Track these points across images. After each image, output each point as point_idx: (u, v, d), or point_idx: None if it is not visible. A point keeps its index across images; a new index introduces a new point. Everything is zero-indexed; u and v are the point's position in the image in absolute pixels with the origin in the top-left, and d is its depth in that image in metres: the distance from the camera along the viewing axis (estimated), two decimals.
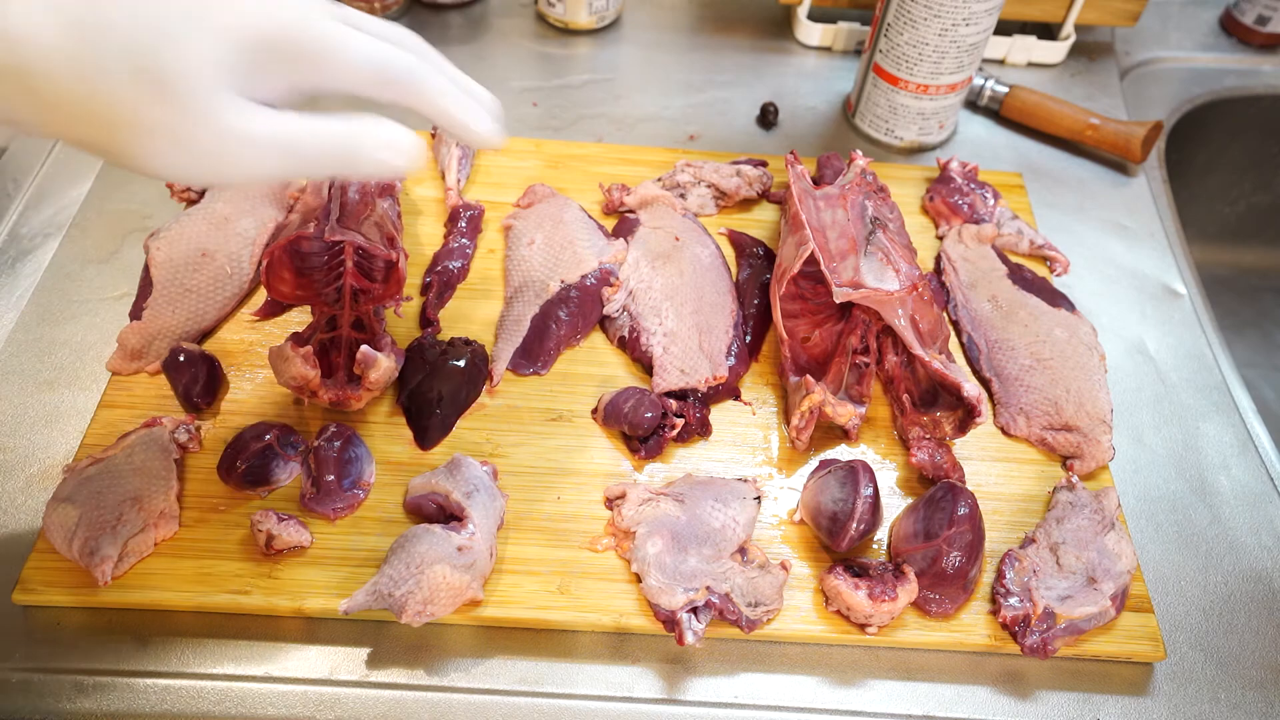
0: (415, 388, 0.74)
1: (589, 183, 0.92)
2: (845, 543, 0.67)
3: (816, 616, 0.67)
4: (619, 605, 0.66)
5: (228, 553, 0.67)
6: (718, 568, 0.66)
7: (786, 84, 1.08)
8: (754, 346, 0.81)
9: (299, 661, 0.64)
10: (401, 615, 0.62)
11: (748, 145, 1.01)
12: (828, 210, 0.78)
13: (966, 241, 0.89)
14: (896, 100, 0.97)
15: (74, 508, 0.64)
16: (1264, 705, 0.68)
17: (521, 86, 1.04)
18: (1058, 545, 0.70)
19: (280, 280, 0.70)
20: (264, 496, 0.70)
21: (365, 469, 0.71)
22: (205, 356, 0.74)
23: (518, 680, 0.65)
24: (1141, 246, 0.96)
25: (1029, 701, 0.66)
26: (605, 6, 1.09)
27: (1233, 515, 0.77)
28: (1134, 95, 1.12)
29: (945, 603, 0.67)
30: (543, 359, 0.78)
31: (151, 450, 0.68)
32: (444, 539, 0.63)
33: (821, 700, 0.65)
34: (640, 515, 0.68)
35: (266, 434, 0.69)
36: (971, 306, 0.85)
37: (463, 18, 1.11)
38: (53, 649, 0.64)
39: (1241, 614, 0.72)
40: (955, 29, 0.89)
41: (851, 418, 0.73)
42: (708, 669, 0.66)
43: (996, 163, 1.01)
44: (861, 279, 0.74)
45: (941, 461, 0.73)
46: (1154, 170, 1.03)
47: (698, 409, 0.75)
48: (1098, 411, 0.76)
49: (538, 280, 0.81)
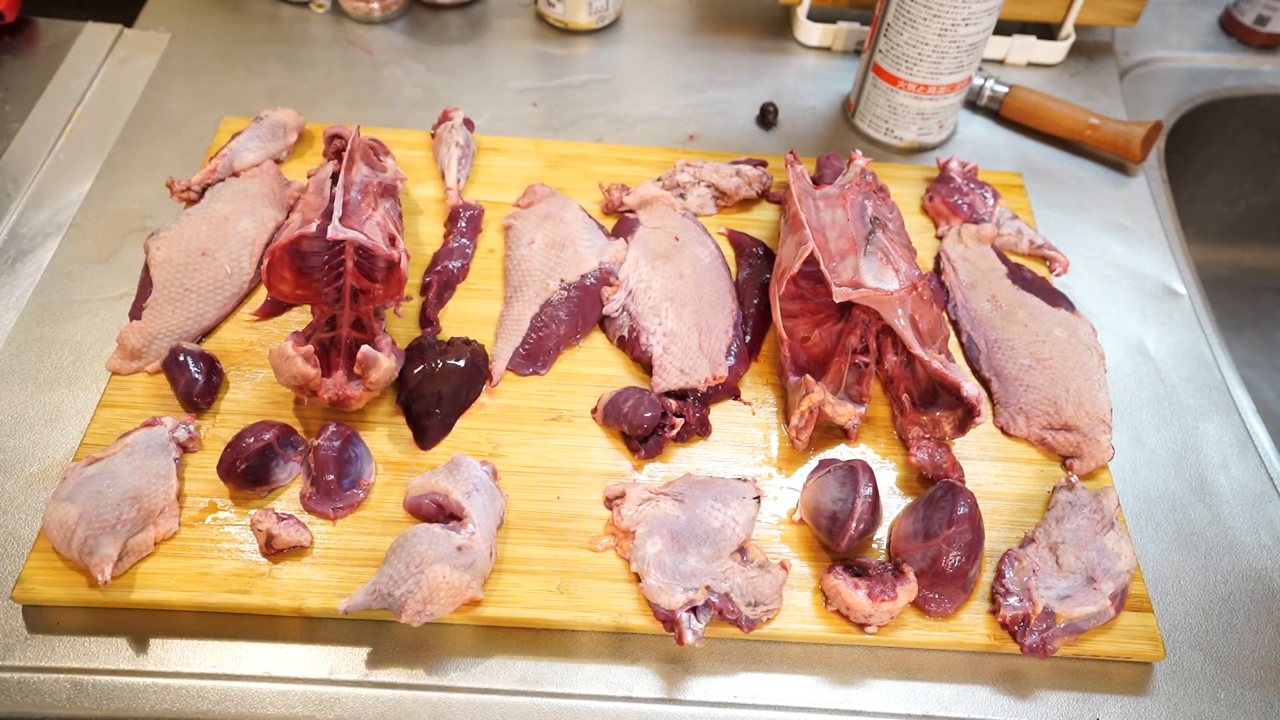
0: (415, 388, 0.74)
1: (589, 183, 0.92)
2: (845, 542, 0.67)
3: (816, 616, 0.67)
4: (619, 605, 0.66)
5: (228, 553, 0.67)
6: (717, 567, 0.66)
7: (786, 84, 1.08)
8: (754, 346, 0.81)
9: (299, 661, 0.64)
10: (401, 615, 0.62)
11: (748, 145, 1.01)
12: (827, 210, 0.78)
13: (966, 241, 0.89)
14: (896, 100, 0.97)
15: (74, 507, 0.64)
16: (1264, 705, 0.68)
17: (521, 86, 1.04)
18: (1057, 545, 0.70)
19: (281, 280, 0.70)
20: (264, 496, 0.70)
21: (365, 469, 0.71)
22: (205, 356, 0.74)
23: (518, 680, 0.65)
24: (1141, 246, 0.96)
25: (1029, 701, 0.66)
26: (605, 6, 1.09)
27: (1232, 515, 0.77)
28: (1134, 95, 1.12)
29: (945, 602, 0.67)
30: (543, 359, 0.78)
31: (151, 450, 0.68)
32: (444, 539, 0.63)
33: (821, 700, 0.65)
34: (640, 515, 0.68)
35: (266, 434, 0.69)
36: (971, 306, 0.85)
37: (462, 18, 1.11)
38: (53, 649, 0.64)
39: (1241, 614, 0.72)
40: (955, 29, 0.89)
41: (851, 418, 0.73)
42: (708, 669, 0.66)
43: (996, 163, 1.01)
44: (861, 279, 0.74)
45: (941, 461, 0.73)
46: (1154, 170, 1.03)
47: (697, 409, 0.75)
48: (1097, 411, 0.76)
49: (538, 280, 0.81)
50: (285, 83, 1.02)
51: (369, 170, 0.79)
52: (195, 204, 0.84)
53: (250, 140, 0.88)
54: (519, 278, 0.82)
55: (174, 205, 0.88)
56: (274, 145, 0.89)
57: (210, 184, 0.86)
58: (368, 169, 0.79)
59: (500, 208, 0.90)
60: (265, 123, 0.89)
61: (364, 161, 0.79)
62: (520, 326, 0.79)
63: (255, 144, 0.88)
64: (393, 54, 1.06)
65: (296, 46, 1.06)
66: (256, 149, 0.88)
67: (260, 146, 0.89)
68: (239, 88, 1.00)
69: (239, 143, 0.88)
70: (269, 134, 0.89)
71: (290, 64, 1.04)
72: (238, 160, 0.87)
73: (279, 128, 0.90)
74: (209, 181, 0.86)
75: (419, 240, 0.86)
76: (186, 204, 0.85)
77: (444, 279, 0.83)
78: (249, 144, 0.88)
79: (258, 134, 0.89)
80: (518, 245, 0.84)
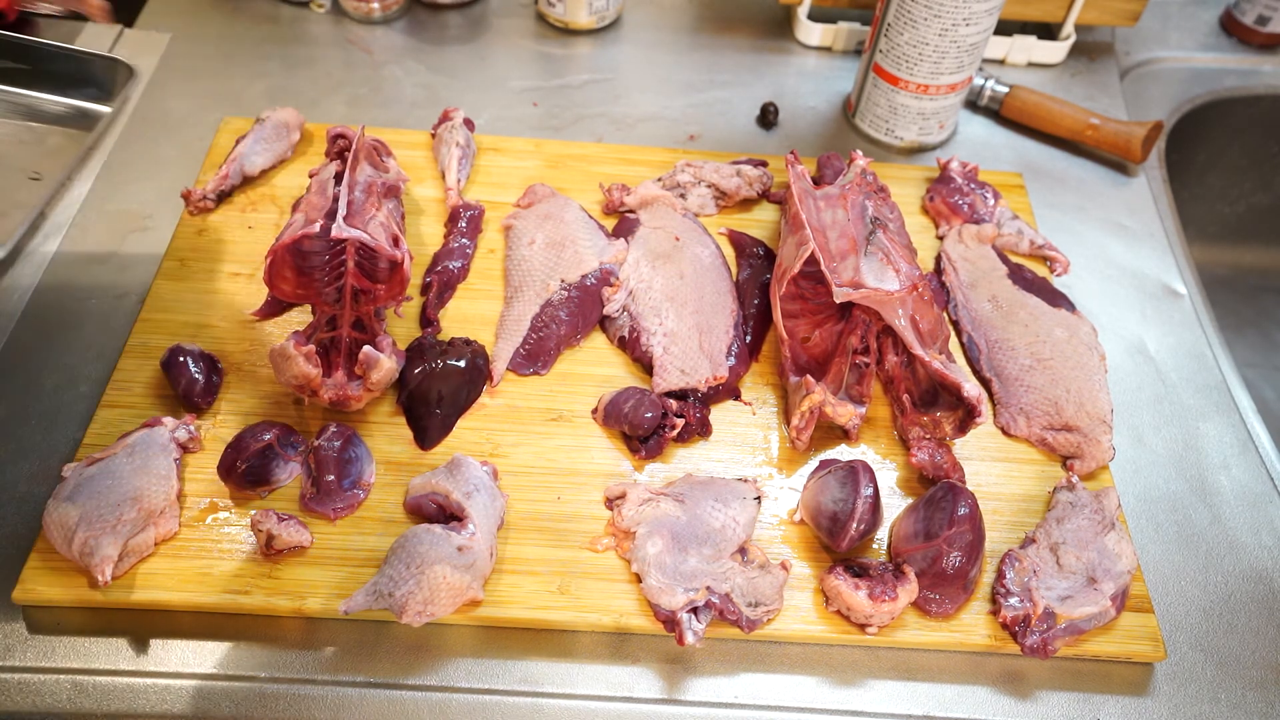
0: (415, 388, 0.74)
1: (589, 183, 0.92)
2: (845, 543, 0.67)
3: (816, 616, 0.67)
4: (619, 605, 0.66)
5: (228, 553, 0.67)
6: (718, 568, 0.66)
7: (786, 84, 1.08)
8: (754, 346, 0.81)
9: (299, 661, 0.64)
10: (401, 615, 0.62)
11: (748, 145, 1.01)
12: (828, 210, 0.78)
13: (966, 241, 0.89)
14: (897, 100, 0.97)
15: (74, 508, 0.64)
16: (1264, 705, 0.68)
17: (521, 86, 1.04)
18: (1058, 545, 0.70)
19: (282, 279, 0.70)
20: (264, 496, 0.70)
21: (365, 469, 0.71)
22: (205, 356, 0.74)
23: (518, 680, 0.65)
24: (1141, 246, 0.96)
25: (1029, 701, 0.66)
26: (605, 6, 1.09)
27: (1233, 515, 0.77)
28: (1134, 95, 1.12)
29: (945, 603, 0.67)
30: (543, 359, 0.78)
31: (151, 450, 0.68)
32: (444, 539, 0.63)
33: (821, 700, 0.65)
34: (640, 515, 0.68)
35: (266, 434, 0.69)
36: (971, 306, 0.85)
37: (463, 18, 1.11)
38: (53, 649, 0.64)
39: (1242, 614, 0.72)
40: (955, 29, 0.89)
41: (851, 418, 0.73)
42: (708, 669, 0.66)
43: (996, 163, 1.01)
44: (862, 279, 0.74)
45: (941, 461, 0.73)
46: (1154, 170, 1.03)
47: (698, 409, 0.75)
48: (1098, 411, 0.76)
49: (538, 280, 0.81)
50: (285, 83, 1.02)
51: (372, 170, 0.79)
52: (210, 213, 0.85)
53: (256, 143, 0.88)
54: (519, 278, 0.82)
55: (175, 205, 0.88)
56: (280, 146, 0.89)
57: (224, 191, 0.86)
58: (371, 169, 0.79)
59: (501, 208, 0.90)
60: (268, 124, 0.89)
61: (367, 162, 0.79)
62: (521, 326, 0.79)
63: (262, 146, 0.88)
64: (393, 54, 1.06)
65: (296, 46, 1.06)
66: (264, 151, 0.89)
67: (267, 149, 0.89)
68: (239, 88, 1.00)
69: (246, 147, 0.88)
70: (273, 134, 0.89)
71: (290, 64, 1.04)
72: (248, 165, 0.87)
73: (282, 128, 0.90)
74: (222, 189, 0.86)
75: (420, 240, 0.86)
76: (202, 214, 0.86)
77: (444, 279, 0.83)
78: (255, 147, 0.88)
79: (262, 136, 0.89)
80: (518, 245, 0.84)
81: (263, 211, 0.87)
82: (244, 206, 0.87)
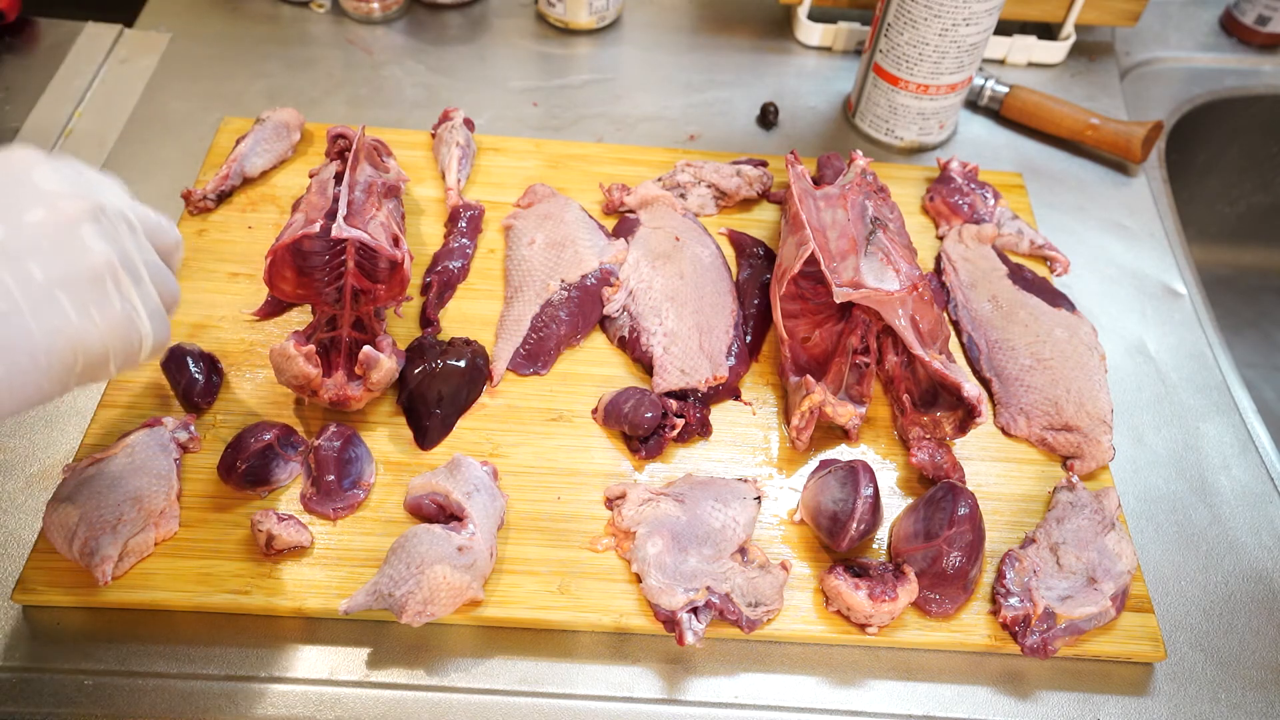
0: (415, 388, 0.74)
1: (589, 183, 0.92)
2: (845, 543, 0.67)
3: (816, 616, 0.67)
4: (619, 605, 0.66)
5: (228, 553, 0.67)
6: (718, 568, 0.66)
7: (786, 84, 1.08)
8: (754, 346, 0.81)
9: (299, 661, 0.64)
10: (401, 615, 0.62)
11: (748, 145, 1.01)
12: (828, 210, 0.78)
13: (966, 241, 0.89)
14: (897, 100, 0.97)
15: (74, 508, 0.64)
16: (1264, 705, 0.68)
17: (521, 86, 1.04)
18: (1058, 545, 0.70)
19: (282, 279, 0.70)
20: (264, 496, 0.70)
21: (365, 469, 0.71)
22: (205, 356, 0.74)
23: (518, 680, 0.65)
24: (1141, 246, 0.96)
25: (1029, 701, 0.66)
26: (605, 6, 1.09)
27: (1233, 515, 0.77)
28: (1134, 95, 1.12)
29: (945, 603, 0.67)
30: (543, 359, 0.78)
31: (151, 450, 0.68)
32: (444, 539, 0.63)
33: (821, 700, 0.65)
34: (640, 515, 0.68)
35: (266, 434, 0.69)
36: (971, 306, 0.85)
37: (463, 18, 1.11)
38: (53, 649, 0.64)
39: (1242, 614, 0.72)
40: (955, 29, 0.89)
41: (851, 418, 0.73)
42: (708, 669, 0.66)
43: (996, 163, 1.01)
44: (862, 279, 0.74)
45: (941, 461, 0.73)
46: (1154, 170, 1.03)
47: (698, 409, 0.75)
48: (1098, 411, 0.76)
49: (538, 280, 0.81)
50: (285, 83, 1.02)
51: (372, 170, 0.79)
52: (210, 213, 0.85)
53: (256, 144, 0.88)
54: (519, 278, 0.82)
55: (174, 205, 0.87)
56: (280, 146, 0.89)
57: (224, 191, 0.86)
58: (371, 169, 0.79)
59: (501, 208, 0.90)
60: (268, 124, 0.89)
61: (367, 162, 0.79)
62: (521, 326, 0.79)
63: (262, 147, 0.88)
64: (393, 54, 1.06)
65: (296, 46, 1.06)
66: (264, 152, 0.89)
67: (268, 149, 0.89)
68: (239, 88, 1.00)
69: (246, 147, 0.88)
70: (274, 135, 0.89)
71: (290, 64, 1.04)
72: (248, 166, 0.87)
73: (282, 128, 0.90)
74: (223, 189, 0.86)
75: (420, 240, 0.86)
76: (204, 215, 0.86)
77: (444, 279, 0.83)
78: (256, 148, 0.88)
79: (263, 136, 0.89)
80: (518, 245, 0.84)
81: (263, 212, 0.87)
82: (244, 207, 0.87)
